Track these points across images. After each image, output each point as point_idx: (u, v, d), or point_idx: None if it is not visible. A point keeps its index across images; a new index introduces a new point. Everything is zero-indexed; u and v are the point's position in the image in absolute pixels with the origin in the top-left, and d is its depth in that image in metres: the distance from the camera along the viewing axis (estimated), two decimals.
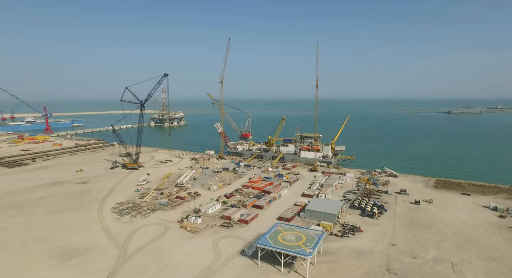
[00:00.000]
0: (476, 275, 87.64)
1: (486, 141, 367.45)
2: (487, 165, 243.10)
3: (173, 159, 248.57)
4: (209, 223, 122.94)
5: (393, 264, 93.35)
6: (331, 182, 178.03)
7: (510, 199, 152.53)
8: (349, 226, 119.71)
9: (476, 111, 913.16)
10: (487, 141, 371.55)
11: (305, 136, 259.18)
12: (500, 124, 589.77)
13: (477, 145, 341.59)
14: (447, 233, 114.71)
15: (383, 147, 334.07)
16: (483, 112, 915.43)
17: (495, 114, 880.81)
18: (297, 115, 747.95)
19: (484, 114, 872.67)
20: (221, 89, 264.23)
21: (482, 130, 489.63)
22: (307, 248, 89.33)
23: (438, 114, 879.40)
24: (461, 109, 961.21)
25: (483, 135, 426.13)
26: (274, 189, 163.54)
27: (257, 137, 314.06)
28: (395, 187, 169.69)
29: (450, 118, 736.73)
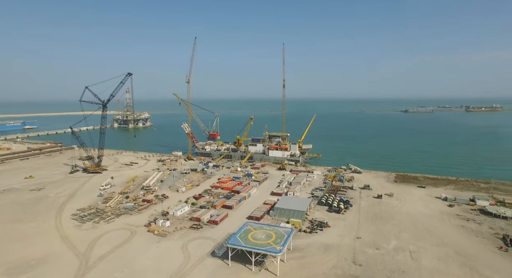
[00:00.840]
0: (430, 260, 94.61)
1: (438, 137, 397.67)
2: (438, 159, 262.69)
3: (139, 161, 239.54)
4: (178, 225, 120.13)
5: (359, 256, 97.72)
6: (299, 180, 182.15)
7: (458, 189, 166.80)
8: (317, 222, 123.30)
9: (429, 110, 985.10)
10: (438, 137, 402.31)
11: (273, 135, 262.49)
12: (448, 121, 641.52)
13: (430, 141, 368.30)
14: (406, 223, 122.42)
15: (348, 144, 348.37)
16: (434, 111, 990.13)
17: (444, 112, 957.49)
18: (265, 115, 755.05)
19: (436, 112, 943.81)
20: (188, 89, 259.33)
21: (434, 127, 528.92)
22: (277, 245, 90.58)
23: (396, 113, 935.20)
24: (416, 108, 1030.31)
25: (435, 132, 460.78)
26: (244, 189, 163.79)
27: (225, 137, 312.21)
28: (360, 183, 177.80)
29: (407, 117, 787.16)
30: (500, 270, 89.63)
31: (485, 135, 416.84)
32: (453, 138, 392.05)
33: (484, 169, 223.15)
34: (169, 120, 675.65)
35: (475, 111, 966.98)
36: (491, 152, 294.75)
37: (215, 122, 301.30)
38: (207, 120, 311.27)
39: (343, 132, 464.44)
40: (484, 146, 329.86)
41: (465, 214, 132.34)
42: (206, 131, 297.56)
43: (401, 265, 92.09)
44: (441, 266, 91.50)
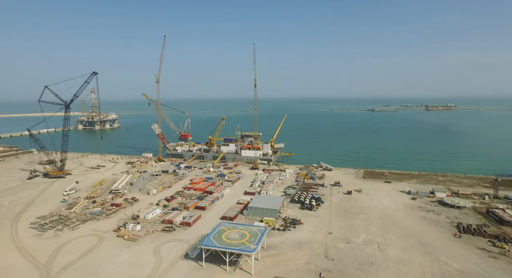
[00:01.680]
0: (395, 251, 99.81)
1: (401, 134, 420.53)
2: (402, 155, 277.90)
3: (106, 164, 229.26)
4: (149, 229, 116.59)
5: (331, 251, 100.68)
6: (272, 178, 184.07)
7: (420, 183, 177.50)
8: (290, 219, 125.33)
9: (393, 109, 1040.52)
10: (402, 134, 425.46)
11: (246, 135, 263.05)
12: (411, 119, 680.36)
13: (395, 138, 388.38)
14: (374, 217, 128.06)
15: (318, 143, 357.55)
16: (398, 109, 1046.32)
17: (407, 111, 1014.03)
18: (237, 115, 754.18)
19: (399, 111, 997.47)
20: (157, 89, 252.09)
21: (398, 125, 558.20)
22: (251, 244, 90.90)
23: (363, 112, 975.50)
24: (381, 107, 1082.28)
25: (399, 129, 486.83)
26: (217, 189, 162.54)
27: (197, 138, 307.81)
28: (330, 180, 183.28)
29: (373, 115, 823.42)
30: (454, 255, 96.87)
31: (442, 131, 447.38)
32: (415, 135, 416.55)
33: (441, 163, 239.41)
34: (138, 121, 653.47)
35: (434, 109, 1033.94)
36: (447, 147, 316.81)
37: (186, 123, 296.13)
38: (178, 120, 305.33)
39: (314, 131, 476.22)
40: (441, 142, 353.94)
41: (426, 205, 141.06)
42: (177, 132, 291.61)
43: (370, 257, 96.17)
44: (405, 256, 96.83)
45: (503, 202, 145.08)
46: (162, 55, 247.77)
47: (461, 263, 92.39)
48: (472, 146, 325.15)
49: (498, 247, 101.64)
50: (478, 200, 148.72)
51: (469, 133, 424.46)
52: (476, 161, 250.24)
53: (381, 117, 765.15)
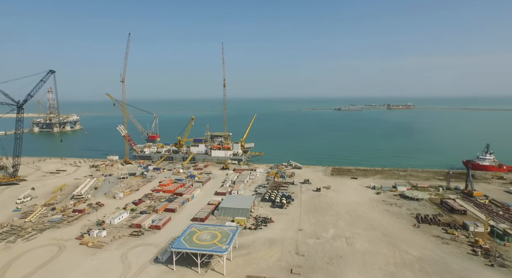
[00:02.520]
0: (362, 244, 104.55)
1: (366, 132, 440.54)
2: (367, 152, 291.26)
3: (67, 168, 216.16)
4: (116, 234, 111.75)
5: (301, 247, 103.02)
6: (243, 178, 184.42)
7: (384, 178, 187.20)
8: (262, 218, 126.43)
9: (358, 108, 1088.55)
10: (367, 132, 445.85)
11: (215, 135, 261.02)
12: (374, 118, 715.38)
13: (360, 135, 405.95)
14: (342, 213, 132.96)
15: (288, 141, 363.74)
16: (363, 109, 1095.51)
17: (371, 110, 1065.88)
18: (206, 115, 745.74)
19: (364, 110, 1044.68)
20: (122, 89, 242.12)
21: (363, 124, 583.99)
22: (222, 245, 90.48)
23: (331, 111, 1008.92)
24: (347, 106, 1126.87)
25: (364, 127, 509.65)
26: (187, 190, 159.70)
27: (165, 139, 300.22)
28: (300, 178, 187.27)
29: (340, 114, 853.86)
30: (413, 244, 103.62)
31: (402, 129, 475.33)
32: (378, 132, 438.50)
33: (402, 159, 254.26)
34: (102, 122, 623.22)
35: (395, 108, 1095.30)
36: (406, 143, 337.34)
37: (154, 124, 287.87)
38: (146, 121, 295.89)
39: (283, 130, 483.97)
40: (401, 138, 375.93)
41: (389, 199, 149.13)
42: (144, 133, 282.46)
43: (338, 251, 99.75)
44: (371, 247, 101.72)
45: (454, 193, 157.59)
46: (126, 53, 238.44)
47: (420, 250, 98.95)
48: (428, 142, 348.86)
49: (450, 233, 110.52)
50: (434, 191, 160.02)
51: (425, 131, 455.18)
52: (432, 155, 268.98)
53: (347, 116, 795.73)
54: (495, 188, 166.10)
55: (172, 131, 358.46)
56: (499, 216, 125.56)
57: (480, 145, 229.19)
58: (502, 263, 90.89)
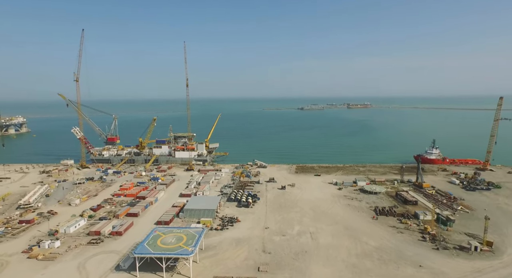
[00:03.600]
0: (326, 238, 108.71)
1: (328, 130, 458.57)
2: (329, 149, 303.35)
3: (12, 175, 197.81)
4: (71, 243, 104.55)
5: (268, 244, 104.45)
6: (208, 179, 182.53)
7: (345, 174, 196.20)
8: (228, 218, 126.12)
9: (320, 108, 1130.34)
10: (328, 130, 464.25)
11: (179, 136, 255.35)
12: (335, 117, 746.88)
13: (322, 134, 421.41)
14: (306, 209, 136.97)
15: (252, 141, 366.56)
16: (324, 108, 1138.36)
17: (332, 109, 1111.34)
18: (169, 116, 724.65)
19: (325, 109, 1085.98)
20: (77, 89, 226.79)
21: (324, 122, 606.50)
22: (188, 247, 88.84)
23: (294, 111, 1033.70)
24: (310, 106, 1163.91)
25: (326, 126, 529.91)
26: (150, 194, 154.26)
27: (126, 141, 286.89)
28: (265, 177, 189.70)
29: (303, 114, 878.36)
30: (372, 235, 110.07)
31: (360, 127, 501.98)
32: (339, 130, 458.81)
33: (361, 155, 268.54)
34: (53, 124, 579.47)
35: (354, 107, 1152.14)
36: (365, 140, 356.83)
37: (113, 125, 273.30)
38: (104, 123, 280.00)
39: (248, 130, 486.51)
40: (360, 136, 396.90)
41: (350, 194, 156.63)
42: (103, 135, 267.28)
43: (304, 247, 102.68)
44: (334, 241, 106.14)
45: (407, 185, 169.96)
46: (80, 50, 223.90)
47: (378, 241, 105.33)
48: (383, 138, 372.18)
49: (404, 223, 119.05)
50: (390, 185, 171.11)
51: (381, 128, 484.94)
52: (387, 151, 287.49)
53: (310, 115, 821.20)
54: (440, 179, 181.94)
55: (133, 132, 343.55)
56: (443, 204, 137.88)
57: (427, 140, 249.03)
58: (445, 246, 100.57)
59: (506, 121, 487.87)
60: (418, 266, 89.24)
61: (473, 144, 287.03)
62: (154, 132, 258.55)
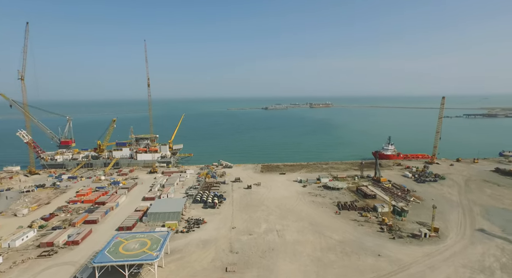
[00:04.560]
0: (292, 235, 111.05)
1: (291, 129, 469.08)
2: (293, 148, 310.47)
3: None
4: (17, 258, 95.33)
5: (235, 244, 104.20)
6: (172, 181, 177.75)
7: (309, 172, 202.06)
8: (194, 220, 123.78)
9: (284, 107, 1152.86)
10: (292, 129, 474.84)
11: (141, 138, 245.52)
12: (299, 116, 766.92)
13: (286, 133, 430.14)
14: (272, 207, 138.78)
15: (217, 141, 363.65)
16: (288, 107, 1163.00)
17: (295, 109, 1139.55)
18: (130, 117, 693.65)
19: (289, 109, 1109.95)
20: (22, 88, 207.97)
21: (288, 122, 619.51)
22: (153, 252, 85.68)
23: (258, 110, 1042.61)
24: (274, 106, 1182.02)
25: (290, 125, 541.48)
26: (110, 199, 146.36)
27: (82, 144, 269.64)
28: (231, 177, 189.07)
29: (267, 113, 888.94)
30: (336, 229, 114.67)
31: (322, 125, 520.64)
32: (303, 129, 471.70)
33: (324, 153, 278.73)
34: None
35: (316, 107, 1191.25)
36: (327, 138, 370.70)
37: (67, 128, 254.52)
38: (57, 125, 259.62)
39: (213, 130, 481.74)
40: (322, 134, 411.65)
41: (314, 191, 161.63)
42: (55, 138, 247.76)
43: (270, 244, 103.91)
44: (300, 237, 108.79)
45: (366, 180, 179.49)
46: (25, 46, 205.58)
47: (341, 234, 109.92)
48: (344, 136, 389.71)
49: (364, 216, 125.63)
50: (351, 181, 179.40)
51: (341, 126, 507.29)
52: (348, 148, 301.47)
53: (274, 115, 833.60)
54: (395, 173, 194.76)
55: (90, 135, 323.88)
56: (398, 196, 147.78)
57: (384, 137, 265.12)
58: (400, 235, 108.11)
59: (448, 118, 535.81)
60: (377, 256, 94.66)
61: (423, 139, 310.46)
62: (113, 134, 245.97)
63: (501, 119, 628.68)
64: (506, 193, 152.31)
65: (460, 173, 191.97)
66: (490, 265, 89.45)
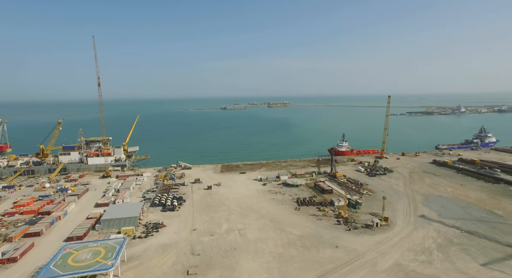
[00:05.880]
0: (253, 233, 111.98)
1: (250, 129, 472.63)
2: (253, 147, 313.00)
3: None
4: None
5: (196, 246, 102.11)
6: (128, 185, 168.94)
7: (268, 170, 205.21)
8: (153, 224, 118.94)
9: (242, 107, 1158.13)
10: (251, 128, 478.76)
11: (92, 141, 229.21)
12: (257, 115, 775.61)
13: (246, 132, 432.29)
14: (233, 207, 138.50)
15: (175, 142, 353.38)
16: (247, 107, 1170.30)
17: (254, 108, 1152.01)
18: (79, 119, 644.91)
19: (247, 109, 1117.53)
20: None
21: (247, 121, 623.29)
22: (107, 261, 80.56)
23: (217, 111, 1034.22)
24: (232, 105, 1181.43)
25: (248, 125, 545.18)
26: (57, 207, 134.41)
27: (20, 149, 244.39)
28: (190, 178, 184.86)
29: (226, 113, 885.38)
30: (296, 224, 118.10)
31: (280, 124, 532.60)
32: (261, 128, 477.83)
33: (282, 151, 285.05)
34: None
35: (274, 106, 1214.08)
36: (285, 137, 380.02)
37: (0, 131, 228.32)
38: None
39: (170, 131, 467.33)
40: (280, 133, 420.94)
41: (274, 188, 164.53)
42: None
43: (232, 244, 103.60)
44: (261, 235, 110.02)
45: (323, 176, 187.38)
46: None
47: (301, 229, 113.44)
48: (302, 134, 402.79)
49: (322, 210, 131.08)
50: (309, 177, 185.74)
51: (299, 125, 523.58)
52: (305, 146, 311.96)
53: (233, 114, 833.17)
54: (349, 168, 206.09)
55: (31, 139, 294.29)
56: (353, 190, 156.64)
57: (338, 134, 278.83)
58: (355, 226, 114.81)
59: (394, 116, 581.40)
60: (335, 247, 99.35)
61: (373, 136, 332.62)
62: (59, 138, 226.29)
63: (437, 116, 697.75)
64: (441, 182, 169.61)
65: (405, 165, 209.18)
66: (429, 246, 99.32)
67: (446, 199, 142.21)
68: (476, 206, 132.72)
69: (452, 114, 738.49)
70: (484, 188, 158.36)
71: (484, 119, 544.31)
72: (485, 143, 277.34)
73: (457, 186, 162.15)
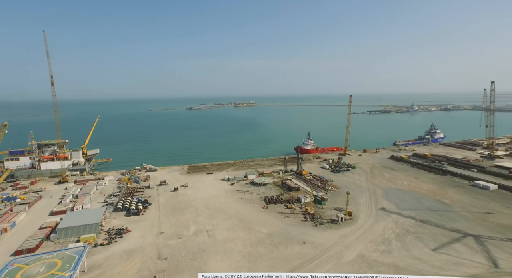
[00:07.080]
0: (222, 233, 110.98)
1: (217, 129, 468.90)
2: (220, 147, 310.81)
3: None
4: None
5: (163, 250, 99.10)
6: (88, 190, 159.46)
7: (236, 170, 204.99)
8: (116, 230, 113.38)
9: (208, 107, 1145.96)
10: (218, 128, 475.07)
11: (45, 144, 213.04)
12: (223, 115, 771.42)
13: (213, 132, 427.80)
14: (201, 208, 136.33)
15: (140, 144, 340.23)
16: (213, 107, 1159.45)
17: (220, 108, 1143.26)
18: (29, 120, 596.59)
19: (214, 109, 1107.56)
20: None
21: (213, 121, 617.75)
22: (65, 273, 75.37)
23: (183, 111, 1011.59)
24: (198, 106, 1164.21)
25: (215, 125, 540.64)
26: (2, 219, 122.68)
27: None
28: (156, 180, 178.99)
29: (192, 114, 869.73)
30: (264, 223, 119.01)
31: (247, 124, 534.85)
32: (228, 128, 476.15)
33: (250, 150, 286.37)
34: None
35: (240, 106, 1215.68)
36: (252, 136, 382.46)
37: None
38: None
39: (133, 133, 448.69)
40: (247, 132, 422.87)
41: (242, 188, 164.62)
42: None
43: (201, 245, 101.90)
44: (230, 235, 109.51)
45: (290, 174, 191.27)
46: None
47: (269, 227, 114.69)
48: (268, 133, 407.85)
49: (289, 208, 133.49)
50: (276, 175, 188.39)
51: (265, 124, 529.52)
52: (272, 145, 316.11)
53: (199, 115, 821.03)
54: (315, 166, 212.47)
55: None
56: (318, 186, 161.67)
57: (304, 133, 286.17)
58: (321, 222, 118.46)
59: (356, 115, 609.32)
60: (302, 243, 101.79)
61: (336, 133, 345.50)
62: (5, 142, 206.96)
63: (394, 115, 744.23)
64: (399, 176, 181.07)
65: (367, 161, 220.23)
66: (389, 237, 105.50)
67: (403, 192, 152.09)
68: (428, 197, 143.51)
69: (407, 112, 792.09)
70: (434, 180, 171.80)
71: (434, 117, 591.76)
72: (435, 139, 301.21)
73: (412, 179, 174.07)
